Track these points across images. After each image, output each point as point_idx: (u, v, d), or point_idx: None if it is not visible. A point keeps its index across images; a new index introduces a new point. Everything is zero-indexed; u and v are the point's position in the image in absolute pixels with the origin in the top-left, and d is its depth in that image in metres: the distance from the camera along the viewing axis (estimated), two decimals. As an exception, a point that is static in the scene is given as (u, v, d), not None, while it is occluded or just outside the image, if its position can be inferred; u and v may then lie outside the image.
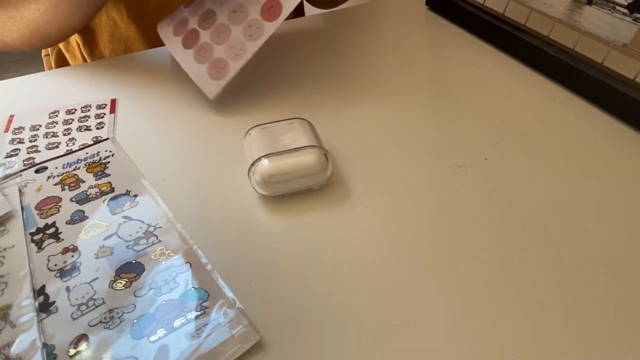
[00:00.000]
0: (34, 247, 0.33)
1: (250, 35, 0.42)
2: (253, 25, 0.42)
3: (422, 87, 0.49)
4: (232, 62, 0.43)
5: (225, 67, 0.43)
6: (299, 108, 0.40)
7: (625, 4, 0.39)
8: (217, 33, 0.44)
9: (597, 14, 0.41)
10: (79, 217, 0.35)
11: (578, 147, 0.40)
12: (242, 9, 0.43)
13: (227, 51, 0.43)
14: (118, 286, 0.30)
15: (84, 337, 0.27)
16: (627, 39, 0.40)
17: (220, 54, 0.43)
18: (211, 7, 0.46)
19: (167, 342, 0.27)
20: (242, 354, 0.27)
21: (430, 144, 0.42)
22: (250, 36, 0.42)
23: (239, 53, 0.42)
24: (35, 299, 0.29)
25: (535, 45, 0.48)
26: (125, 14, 0.60)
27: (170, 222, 0.34)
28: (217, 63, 0.43)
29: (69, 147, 0.42)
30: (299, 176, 0.35)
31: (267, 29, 0.41)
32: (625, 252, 0.32)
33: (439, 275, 0.31)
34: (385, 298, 0.30)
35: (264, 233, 0.34)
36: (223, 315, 0.28)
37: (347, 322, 0.29)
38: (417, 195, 0.37)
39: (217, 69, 0.43)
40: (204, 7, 0.46)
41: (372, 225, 0.35)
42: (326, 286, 0.31)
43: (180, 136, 0.43)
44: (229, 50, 0.43)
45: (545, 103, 0.45)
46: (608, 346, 0.27)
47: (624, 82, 0.41)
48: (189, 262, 0.31)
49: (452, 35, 0.57)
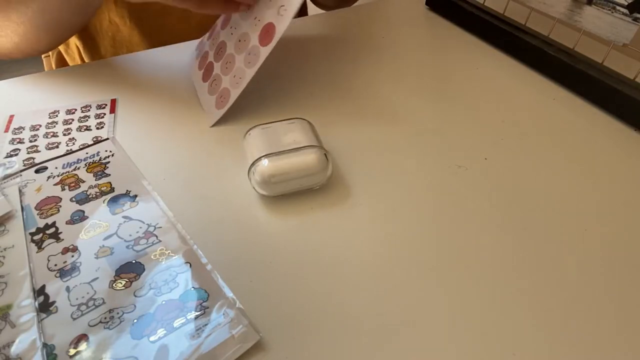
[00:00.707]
0: (34, 247, 0.33)
1: (249, 62, 0.42)
2: (252, 52, 0.42)
3: (422, 87, 0.49)
4: (232, 89, 0.43)
5: (227, 95, 0.43)
6: (299, 108, 0.40)
7: (625, 4, 0.39)
8: (226, 64, 0.44)
9: (597, 14, 0.41)
10: (79, 217, 0.35)
11: (578, 147, 0.40)
12: (245, 37, 0.43)
13: (231, 80, 0.43)
14: (118, 286, 0.30)
15: (84, 337, 0.27)
16: (627, 39, 0.40)
17: (226, 83, 0.44)
18: (223, 39, 0.46)
19: (167, 342, 0.27)
20: (242, 354, 0.27)
21: (430, 143, 0.42)
22: (248, 63, 0.42)
23: (239, 81, 0.42)
24: (35, 299, 0.29)
25: (535, 45, 0.48)
26: (128, 18, 0.60)
27: (170, 222, 0.34)
28: (222, 93, 0.44)
29: (69, 147, 0.42)
30: (299, 176, 0.35)
31: (262, 54, 0.41)
32: (625, 252, 0.32)
33: (439, 275, 0.31)
34: (385, 298, 0.30)
35: (264, 233, 0.34)
36: (223, 315, 0.28)
37: (347, 322, 0.29)
38: (417, 195, 0.37)
39: (222, 98, 0.43)
40: (219, 38, 0.47)
41: (372, 225, 0.35)
42: (326, 286, 0.31)
43: (180, 136, 0.43)
44: (232, 80, 0.43)
45: (545, 103, 0.45)
46: (608, 346, 0.27)
47: (624, 82, 0.41)
48: (189, 262, 0.31)
49: (452, 35, 0.57)
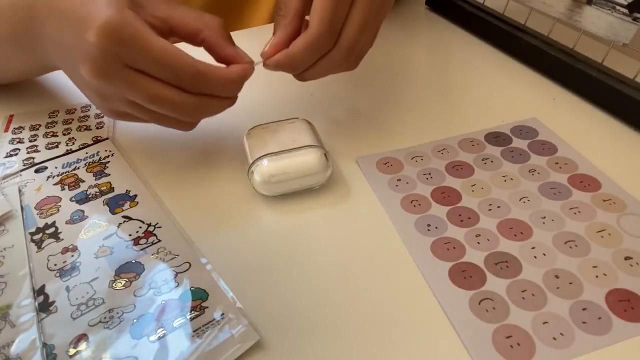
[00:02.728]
0: (34, 247, 0.33)
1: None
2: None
3: (422, 87, 0.49)
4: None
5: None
6: (299, 108, 0.40)
7: (625, 4, 0.39)
8: None
9: (597, 14, 0.41)
10: (79, 217, 0.35)
11: (578, 147, 0.40)
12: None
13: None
14: (118, 286, 0.30)
15: (84, 337, 0.27)
16: (627, 39, 0.40)
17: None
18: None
19: (167, 342, 0.27)
20: (242, 354, 0.27)
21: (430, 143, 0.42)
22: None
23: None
24: (35, 299, 0.29)
25: (535, 45, 0.48)
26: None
27: (170, 222, 0.34)
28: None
29: (69, 147, 0.42)
30: (299, 176, 0.35)
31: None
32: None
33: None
34: (386, 298, 0.30)
35: (264, 233, 0.34)
36: (223, 316, 0.28)
37: (347, 322, 0.29)
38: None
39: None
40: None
41: (373, 225, 0.35)
42: (326, 286, 0.31)
43: (180, 136, 0.43)
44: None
45: (545, 103, 0.45)
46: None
47: (624, 82, 0.41)
48: (189, 262, 0.31)
49: (452, 35, 0.57)
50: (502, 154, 0.39)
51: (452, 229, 0.33)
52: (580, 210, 0.34)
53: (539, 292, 0.29)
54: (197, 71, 0.32)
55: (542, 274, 0.30)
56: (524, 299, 0.29)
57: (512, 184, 0.37)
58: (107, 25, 0.29)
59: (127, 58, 0.30)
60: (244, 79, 0.34)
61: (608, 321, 0.28)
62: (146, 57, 0.30)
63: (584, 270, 0.30)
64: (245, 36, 0.58)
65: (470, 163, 0.39)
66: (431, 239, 0.33)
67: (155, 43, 0.30)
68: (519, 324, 0.28)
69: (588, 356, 0.26)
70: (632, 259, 0.31)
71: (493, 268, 0.31)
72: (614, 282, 0.29)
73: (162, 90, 0.32)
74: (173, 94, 0.32)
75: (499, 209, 0.35)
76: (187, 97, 0.33)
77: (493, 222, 0.34)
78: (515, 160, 0.39)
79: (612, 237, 0.32)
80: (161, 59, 0.30)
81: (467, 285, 0.30)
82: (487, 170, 0.38)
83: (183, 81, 0.32)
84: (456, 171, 0.38)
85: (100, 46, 0.29)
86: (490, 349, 0.27)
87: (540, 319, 0.28)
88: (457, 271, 0.31)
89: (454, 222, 0.34)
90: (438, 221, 0.34)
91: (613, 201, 0.34)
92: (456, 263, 0.31)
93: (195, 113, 0.34)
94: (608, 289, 0.29)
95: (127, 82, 0.31)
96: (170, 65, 0.31)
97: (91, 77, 0.31)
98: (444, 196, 0.36)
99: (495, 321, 0.28)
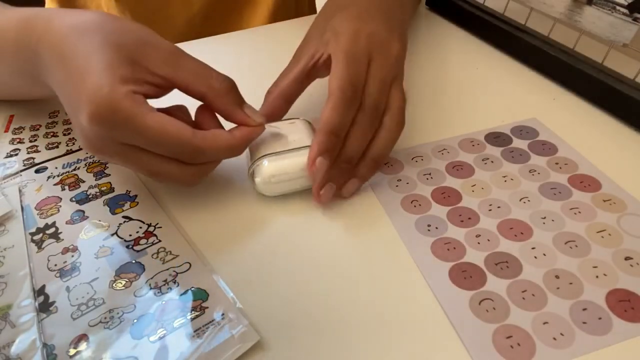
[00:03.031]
0: (34, 247, 0.33)
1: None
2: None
3: (422, 87, 0.49)
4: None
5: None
6: (299, 108, 0.40)
7: (625, 4, 0.39)
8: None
9: (597, 14, 0.41)
10: (79, 217, 0.35)
11: (578, 147, 0.40)
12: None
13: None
14: (118, 286, 0.30)
15: (84, 337, 0.27)
16: (627, 39, 0.40)
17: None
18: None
19: (167, 342, 0.27)
20: (242, 354, 0.27)
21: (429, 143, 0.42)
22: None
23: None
24: (35, 299, 0.29)
25: (535, 45, 0.48)
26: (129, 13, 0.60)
27: (170, 222, 0.34)
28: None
29: (69, 147, 0.42)
30: (299, 176, 0.35)
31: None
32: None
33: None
34: (386, 298, 0.30)
35: (264, 233, 0.34)
36: (223, 316, 0.28)
37: (347, 322, 0.29)
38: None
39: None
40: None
41: (373, 225, 0.35)
42: (326, 286, 0.31)
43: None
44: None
45: (545, 103, 0.45)
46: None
47: (624, 82, 0.41)
48: (188, 262, 0.31)
49: (452, 35, 0.57)
50: (502, 154, 0.39)
51: (452, 229, 0.33)
52: (580, 210, 0.34)
53: (539, 292, 0.29)
54: (196, 148, 0.31)
55: (542, 274, 0.30)
56: (524, 299, 0.29)
57: (512, 184, 0.37)
58: (97, 110, 0.28)
59: (123, 139, 0.30)
60: (248, 143, 0.34)
61: (608, 321, 0.28)
62: (141, 138, 0.30)
63: (584, 270, 0.30)
64: (245, 36, 0.58)
65: (470, 163, 0.39)
66: (431, 239, 0.33)
67: (149, 123, 0.29)
68: (519, 324, 0.28)
69: (588, 356, 0.26)
70: (632, 258, 0.31)
71: (493, 268, 0.31)
72: (614, 282, 0.29)
73: (161, 166, 0.31)
74: (173, 168, 0.32)
75: (499, 209, 0.35)
76: (188, 168, 0.32)
77: (493, 222, 0.34)
78: (515, 160, 0.39)
79: (612, 237, 0.32)
80: (157, 138, 0.29)
81: (467, 285, 0.30)
82: (487, 170, 0.38)
83: (182, 156, 0.31)
84: (456, 171, 0.38)
85: (93, 129, 0.29)
86: (490, 349, 0.27)
87: (540, 319, 0.28)
88: (457, 271, 0.31)
89: (454, 222, 0.34)
90: (438, 221, 0.34)
91: (613, 201, 0.34)
92: (456, 263, 0.31)
93: (197, 179, 0.34)
94: (608, 289, 0.29)
95: (124, 158, 0.31)
96: (167, 144, 0.30)
97: (88, 150, 0.31)
98: (444, 196, 0.36)
99: (495, 321, 0.28)
